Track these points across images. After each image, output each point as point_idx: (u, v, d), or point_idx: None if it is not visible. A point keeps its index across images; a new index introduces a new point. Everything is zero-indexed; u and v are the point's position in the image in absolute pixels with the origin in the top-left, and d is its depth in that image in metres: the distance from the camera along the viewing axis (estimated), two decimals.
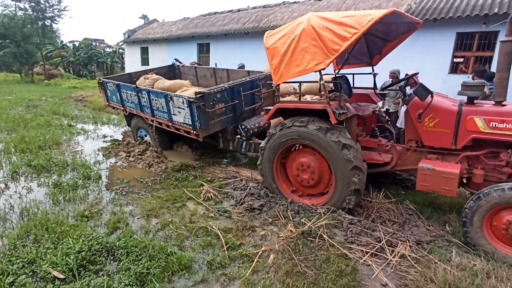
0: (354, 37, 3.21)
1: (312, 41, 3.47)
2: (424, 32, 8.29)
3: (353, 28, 3.21)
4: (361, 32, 3.16)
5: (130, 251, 2.88)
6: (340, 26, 3.31)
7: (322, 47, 3.40)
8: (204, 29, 14.01)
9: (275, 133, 4.10)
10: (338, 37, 3.30)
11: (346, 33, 3.25)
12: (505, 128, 3.17)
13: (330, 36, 3.35)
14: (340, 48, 3.30)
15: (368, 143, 4.22)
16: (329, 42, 3.35)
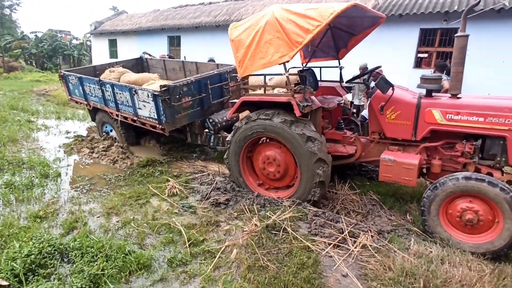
0: (316, 30, 3.18)
1: (276, 33, 3.42)
2: (390, 28, 8.51)
3: (316, 20, 3.19)
4: (324, 25, 3.14)
5: (85, 252, 2.72)
6: (304, 19, 3.27)
7: (286, 40, 3.35)
8: (175, 22, 13.62)
9: (241, 126, 4.04)
10: (302, 29, 3.27)
11: (309, 25, 3.22)
12: (459, 120, 3.28)
13: (294, 29, 3.31)
14: (303, 40, 3.27)
15: (334, 135, 4.25)
16: (292, 34, 3.31)
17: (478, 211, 3.01)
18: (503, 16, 6.99)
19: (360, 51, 8.72)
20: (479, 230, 3.05)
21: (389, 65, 8.34)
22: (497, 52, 7.26)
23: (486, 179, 2.93)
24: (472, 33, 7.36)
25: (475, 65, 7.53)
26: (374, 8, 8.82)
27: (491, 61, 7.35)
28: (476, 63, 7.52)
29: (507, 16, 6.96)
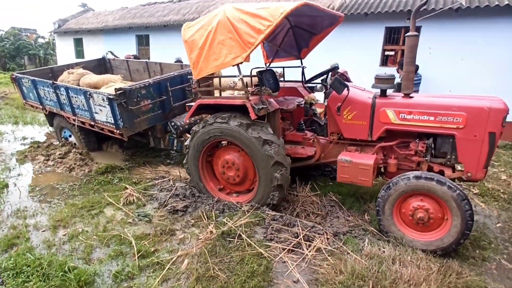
0: (268, 30, 3.13)
1: (229, 34, 3.34)
2: (357, 27, 8.65)
3: (267, 20, 3.14)
4: (275, 25, 3.10)
5: (20, 271, 2.54)
6: (255, 18, 3.22)
7: (239, 40, 3.29)
8: (143, 20, 13.25)
9: (198, 130, 3.95)
10: (253, 29, 3.21)
11: (261, 25, 3.17)
12: (412, 119, 3.34)
13: (246, 29, 3.25)
14: (255, 41, 3.21)
15: (294, 137, 4.24)
16: (244, 35, 3.25)
17: (428, 209, 3.08)
18: (460, 15, 7.24)
19: (329, 50, 8.90)
20: (430, 228, 3.12)
21: (357, 64, 8.50)
22: (456, 50, 7.52)
23: (435, 177, 3.00)
24: (434, 32, 7.71)
25: (437, 63, 7.79)
26: (341, 7, 8.93)
27: (452, 59, 7.60)
28: (438, 60, 7.78)
29: (464, 16, 7.21)
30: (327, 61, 7.37)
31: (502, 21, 6.95)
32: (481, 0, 6.99)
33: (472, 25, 7.25)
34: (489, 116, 3.03)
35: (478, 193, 4.84)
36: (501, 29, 7.00)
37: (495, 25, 7.04)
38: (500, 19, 6.94)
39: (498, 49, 7.11)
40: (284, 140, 4.27)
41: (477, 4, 6.88)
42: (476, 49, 7.31)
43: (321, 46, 9.30)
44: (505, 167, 6.00)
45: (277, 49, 5.04)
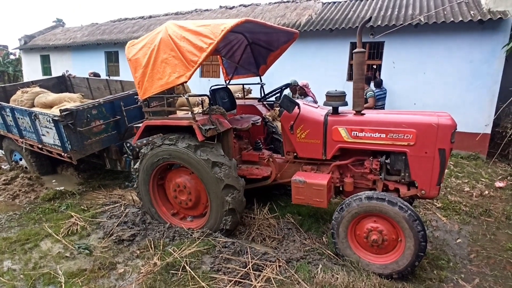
0: (210, 48, 3.01)
1: (171, 52, 3.20)
2: (324, 42, 8.76)
3: (209, 38, 3.02)
4: (216, 43, 2.98)
5: None
6: (197, 36, 3.10)
7: (182, 59, 3.15)
8: (112, 36, 12.99)
9: (147, 153, 3.73)
10: (196, 47, 3.08)
11: (203, 43, 3.05)
12: (364, 137, 3.26)
13: (188, 47, 3.12)
14: (198, 59, 3.08)
15: (250, 156, 4.09)
16: (187, 53, 3.12)
17: (382, 231, 2.96)
18: (420, 31, 7.44)
19: (296, 66, 9.01)
20: (385, 250, 3.00)
21: (324, 79, 8.57)
22: (419, 64, 7.69)
23: (386, 198, 2.89)
24: (397, 46, 7.89)
25: (401, 76, 7.95)
26: (307, 23, 9.05)
27: (415, 73, 7.77)
28: (402, 74, 7.93)
29: (424, 31, 7.42)
30: (291, 76, 7.38)
31: (460, 35, 7.19)
32: (438, 17, 7.22)
33: (432, 40, 7.47)
34: (438, 132, 2.99)
35: (441, 206, 4.82)
36: (459, 43, 7.23)
37: (454, 39, 7.27)
38: (458, 34, 7.18)
39: (458, 62, 7.33)
40: (241, 160, 4.16)
41: (435, 20, 7.09)
42: (437, 62, 7.51)
43: (288, 62, 9.41)
44: (468, 178, 6.07)
45: (236, 66, 4.95)
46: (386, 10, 8.40)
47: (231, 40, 4.68)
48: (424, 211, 4.67)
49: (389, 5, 8.73)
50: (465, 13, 7.11)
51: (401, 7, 8.39)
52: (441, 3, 8.07)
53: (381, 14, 8.23)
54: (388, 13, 8.17)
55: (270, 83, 5.12)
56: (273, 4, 11.16)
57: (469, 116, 7.33)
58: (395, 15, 7.97)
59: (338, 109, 3.48)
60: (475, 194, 5.31)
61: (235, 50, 4.83)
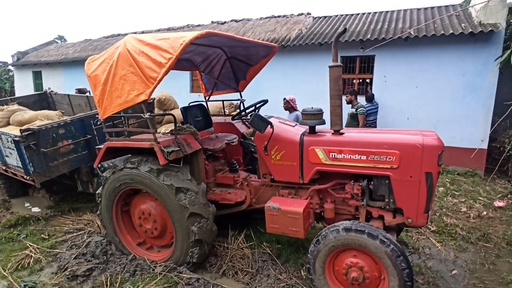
0: (169, 63, 2.74)
1: (130, 68, 2.93)
2: (313, 56, 8.55)
3: (168, 52, 2.76)
4: (175, 57, 2.72)
5: None
6: (156, 50, 2.83)
7: (141, 75, 2.88)
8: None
9: (109, 177, 3.41)
10: (155, 63, 2.82)
11: (162, 58, 2.78)
12: (343, 159, 2.94)
13: (147, 62, 2.85)
14: (158, 75, 2.81)
15: (225, 179, 3.76)
16: (146, 69, 2.85)
17: (363, 267, 2.60)
18: (411, 44, 7.23)
19: (286, 81, 8.80)
20: None
21: (315, 93, 8.28)
22: (410, 78, 7.46)
23: (366, 229, 2.55)
24: (387, 60, 7.66)
25: (394, 90, 7.69)
26: (297, 38, 8.88)
27: (406, 86, 7.52)
28: (394, 88, 7.68)
29: (414, 44, 7.21)
30: (285, 93, 7.14)
31: (451, 48, 6.97)
32: (428, 30, 7.02)
33: (423, 53, 7.25)
34: (423, 154, 2.67)
35: (435, 230, 4.45)
36: (451, 56, 7.01)
37: (445, 52, 7.05)
38: (449, 47, 6.97)
39: (451, 75, 7.09)
40: (215, 183, 3.83)
41: (425, 33, 6.89)
42: (429, 76, 7.27)
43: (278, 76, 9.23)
44: (465, 197, 5.71)
45: (216, 81, 4.71)
46: (376, 24, 8.23)
47: (210, 55, 4.46)
48: (417, 235, 4.29)
49: (379, 19, 8.58)
50: (455, 26, 6.91)
51: (391, 20, 8.23)
52: (432, 16, 7.91)
53: (371, 27, 8.06)
54: (378, 27, 7.99)
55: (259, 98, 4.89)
56: (264, 19, 11.06)
57: (464, 130, 7.03)
58: (385, 29, 7.79)
59: (315, 128, 3.19)
60: (472, 216, 4.94)
61: (214, 65, 4.60)
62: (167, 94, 8.34)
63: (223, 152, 4.09)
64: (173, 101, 8.43)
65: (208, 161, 3.80)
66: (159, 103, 8.14)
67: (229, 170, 3.89)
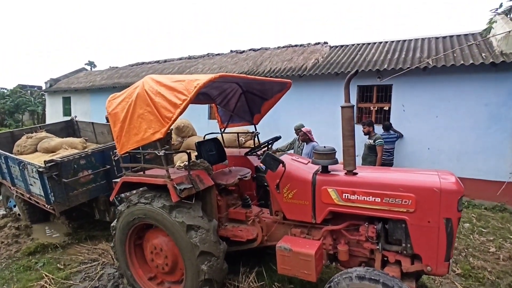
0: (184, 104, 2.84)
1: (147, 108, 3.05)
2: (330, 85, 8.60)
3: (183, 94, 2.86)
4: (189, 99, 2.81)
5: None
6: (171, 92, 2.94)
7: (157, 115, 2.98)
8: (128, 80, 13.50)
9: (123, 210, 3.47)
10: (170, 103, 2.92)
11: (177, 99, 2.88)
12: (356, 200, 2.87)
13: (163, 103, 2.96)
14: (173, 116, 2.90)
15: (237, 214, 3.74)
16: (162, 109, 2.96)
17: None
18: (429, 73, 7.15)
19: (303, 110, 8.85)
20: None
21: (332, 122, 8.26)
22: (430, 107, 7.31)
23: (381, 279, 2.42)
24: (406, 89, 7.58)
25: (413, 120, 7.54)
26: (314, 67, 8.98)
27: (426, 116, 7.37)
28: (413, 117, 7.54)
29: (433, 73, 7.12)
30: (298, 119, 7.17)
31: (472, 77, 6.83)
32: (447, 59, 6.94)
33: (443, 82, 7.13)
34: (441, 199, 2.56)
35: (461, 273, 4.17)
36: (472, 84, 6.85)
37: (466, 81, 6.91)
38: (470, 76, 6.83)
39: (472, 105, 6.89)
40: (227, 218, 3.82)
41: (443, 63, 6.80)
42: (449, 106, 7.10)
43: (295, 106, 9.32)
44: (494, 235, 5.36)
45: (231, 114, 4.80)
46: (393, 53, 8.23)
47: (226, 89, 4.57)
48: (441, 279, 4.04)
49: (396, 48, 8.58)
50: (476, 56, 6.79)
51: (409, 50, 8.21)
52: (451, 45, 7.83)
53: (387, 57, 8.06)
54: (395, 56, 7.99)
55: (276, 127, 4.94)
56: (281, 48, 11.33)
57: (490, 163, 6.73)
58: (403, 58, 7.77)
59: (328, 167, 3.15)
60: (502, 257, 4.60)
61: (229, 98, 4.70)
62: (186, 122, 8.58)
63: (236, 186, 4.08)
64: (191, 128, 8.64)
65: (221, 195, 3.81)
66: (178, 130, 8.36)
67: (241, 205, 3.87)
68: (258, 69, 10.16)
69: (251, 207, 3.83)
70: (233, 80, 4.00)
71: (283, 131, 6.66)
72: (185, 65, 12.83)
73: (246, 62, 10.86)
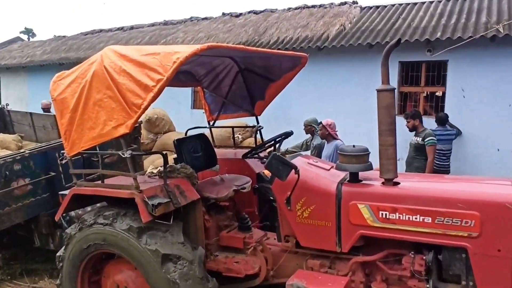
0: (159, 86, 2.85)
1: (107, 91, 3.07)
2: (362, 61, 8.62)
3: (157, 72, 2.87)
4: (166, 79, 2.82)
5: None
6: (141, 69, 2.96)
7: (121, 101, 3.00)
8: (80, 54, 13.56)
9: (74, 234, 3.51)
10: (139, 85, 2.93)
11: (149, 80, 2.89)
12: (399, 221, 2.89)
13: (129, 84, 2.97)
14: (143, 103, 2.92)
15: (231, 240, 3.78)
16: (128, 93, 2.97)
17: None
18: (499, 45, 7.17)
19: (322, 94, 8.87)
20: None
21: (365, 113, 8.26)
22: (501, 93, 7.33)
23: None
24: (465, 68, 7.60)
25: (475, 110, 7.59)
26: (339, 35, 9.02)
27: (495, 104, 7.39)
28: (477, 106, 7.59)
29: (504, 45, 7.13)
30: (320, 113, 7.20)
31: None
32: None
33: None
34: None
35: None
36: None
37: None
38: None
39: None
40: (218, 245, 3.85)
41: None
42: None
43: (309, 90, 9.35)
44: None
45: (224, 101, 4.83)
46: (449, 17, 8.28)
47: (216, 66, 4.61)
48: None
49: (453, 9, 8.62)
50: None
51: (471, 12, 8.25)
52: None
53: (441, 22, 8.11)
54: (452, 21, 8.03)
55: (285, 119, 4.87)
56: (293, 10, 11.38)
57: None
58: (462, 24, 7.81)
59: (359, 175, 3.18)
60: None
61: (221, 79, 4.75)
62: (160, 112, 8.63)
63: (231, 201, 4.13)
64: (168, 122, 8.69)
65: (210, 214, 3.85)
66: (149, 124, 8.42)
67: (238, 227, 3.91)
68: (261, 39, 10.16)
69: (251, 230, 3.87)
70: (227, 53, 4.01)
71: (296, 124, 6.69)
72: (160, 33, 12.92)
73: (245, 29, 10.92)
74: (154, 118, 8.31)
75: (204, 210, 3.64)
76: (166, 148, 7.57)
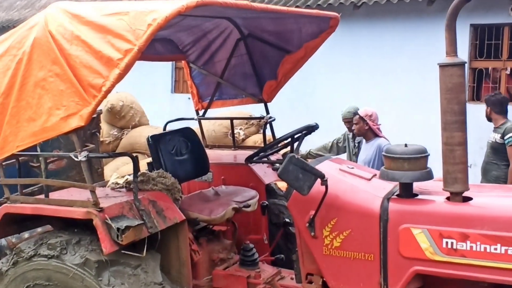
0: (126, 60, 2.91)
1: (54, 67, 3.16)
2: (417, 24, 8.67)
3: (124, 40, 2.95)
4: (137, 50, 2.89)
5: None
6: (103, 36, 3.04)
7: (73, 81, 3.08)
8: (13, 14, 13.95)
9: (6, 271, 3.60)
10: (100, 59, 3.01)
11: (113, 50, 2.97)
12: (469, 253, 2.93)
13: (86, 57, 3.06)
14: (104, 83, 2.98)
15: (230, 281, 3.89)
16: (84, 69, 3.05)
17: None
18: None
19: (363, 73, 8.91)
20: None
21: (422, 97, 8.31)
22: None
23: None
24: None
25: None
26: None
27: None
28: None
29: None
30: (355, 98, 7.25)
31: None
32: None
33: None
34: None
35: None
36: None
37: None
38: None
39: None
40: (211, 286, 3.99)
41: None
42: None
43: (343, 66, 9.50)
44: None
45: (218, 81, 4.89)
46: None
47: (208, 32, 4.71)
48: None
49: None
50: None
51: None
52: None
53: None
54: None
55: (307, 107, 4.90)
56: None
57: None
58: None
59: (413, 187, 3.23)
60: None
61: (215, 50, 4.84)
62: (128, 97, 8.71)
63: (229, 224, 4.22)
64: (139, 111, 8.79)
65: (200, 242, 3.94)
66: (112, 115, 8.49)
67: (239, 261, 4.01)
68: None
69: (258, 266, 3.97)
70: (225, 12, 4.06)
71: (321, 115, 6.73)
72: None
73: None
74: (118, 106, 8.39)
75: (191, 238, 3.72)
76: (136, 149, 7.67)
